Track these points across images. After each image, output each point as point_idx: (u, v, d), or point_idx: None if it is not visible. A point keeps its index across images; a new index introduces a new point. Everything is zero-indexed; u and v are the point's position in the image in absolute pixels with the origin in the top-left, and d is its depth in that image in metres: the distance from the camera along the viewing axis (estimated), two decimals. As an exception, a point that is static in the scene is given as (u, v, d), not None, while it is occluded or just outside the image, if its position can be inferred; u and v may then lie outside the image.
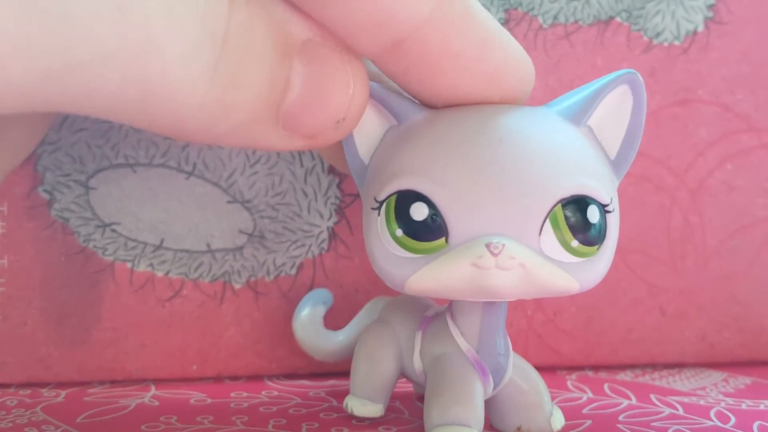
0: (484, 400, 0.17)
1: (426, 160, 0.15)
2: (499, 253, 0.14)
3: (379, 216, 0.15)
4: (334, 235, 0.23)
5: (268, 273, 0.23)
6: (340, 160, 0.18)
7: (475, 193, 0.15)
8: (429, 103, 0.16)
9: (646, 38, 0.24)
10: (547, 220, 0.15)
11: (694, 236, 0.25)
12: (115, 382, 0.23)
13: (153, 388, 0.22)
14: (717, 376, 0.24)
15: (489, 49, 0.15)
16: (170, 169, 0.23)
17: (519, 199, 0.14)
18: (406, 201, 0.15)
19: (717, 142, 0.25)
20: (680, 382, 0.23)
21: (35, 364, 0.23)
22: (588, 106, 0.16)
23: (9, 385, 0.23)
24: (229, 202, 0.23)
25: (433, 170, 0.15)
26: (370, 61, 0.15)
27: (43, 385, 0.23)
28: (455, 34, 0.15)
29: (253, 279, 0.23)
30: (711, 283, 0.25)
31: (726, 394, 0.22)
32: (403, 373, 0.19)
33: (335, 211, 0.23)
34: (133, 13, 0.11)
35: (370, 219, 0.16)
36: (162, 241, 0.23)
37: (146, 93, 0.12)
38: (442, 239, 0.15)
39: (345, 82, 0.15)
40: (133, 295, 0.23)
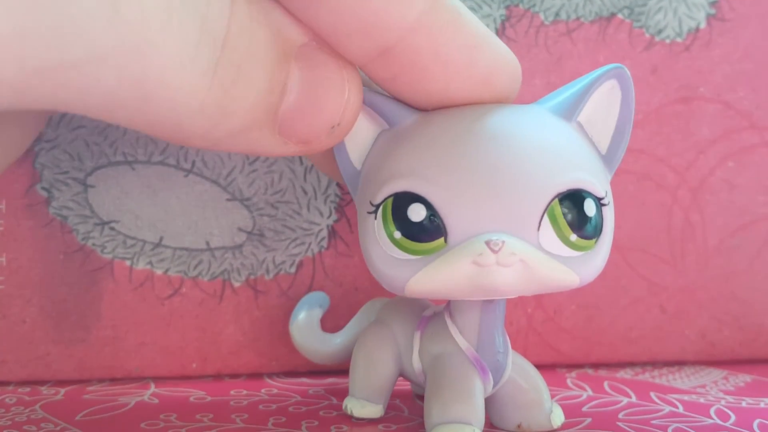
0: (484, 398, 0.17)
1: (421, 162, 0.15)
2: (500, 249, 0.14)
3: (376, 219, 0.15)
4: (334, 233, 0.23)
5: (268, 271, 0.23)
6: (330, 167, 0.18)
7: (473, 192, 0.14)
8: (419, 107, 0.16)
9: (648, 35, 0.24)
10: (545, 216, 0.15)
11: (695, 234, 0.25)
12: (114, 380, 0.23)
13: (152, 385, 0.22)
14: (717, 374, 0.24)
15: (478, 53, 0.15)
16: (169, 166, 0.23)
17: (516, 195, 0.14)
18: (403, 203, 0.15)
19: (718, 140, 0.24)
20: (680, 380, 0.23)
21: (34, 361, 0.23)
22: (578, 102, 0.16)
23: (8, 383, 0.23)
24: (229, 200, 0.23)
25: (428, 171, 0.15)
26: (359, 68, 0.15)
27: (43, 383, 0.23)
28: (444, 39, 0.15)
29: (252, 277, 0.23)
30: (711, 281, 0.25)
31: (726, 392, 0.22)
32: (402, 374, 0.19)
33: (335, 209, 0.23)
34: (130, 13, 0.11)
35: (367, 223, 0.16)
36: (161, 239, 0.23)
37: (143, 94, 0.12)
38: (441, 239, 0.15)
39: (340, 87, 0.14)
40: (132, 293, 0.23)
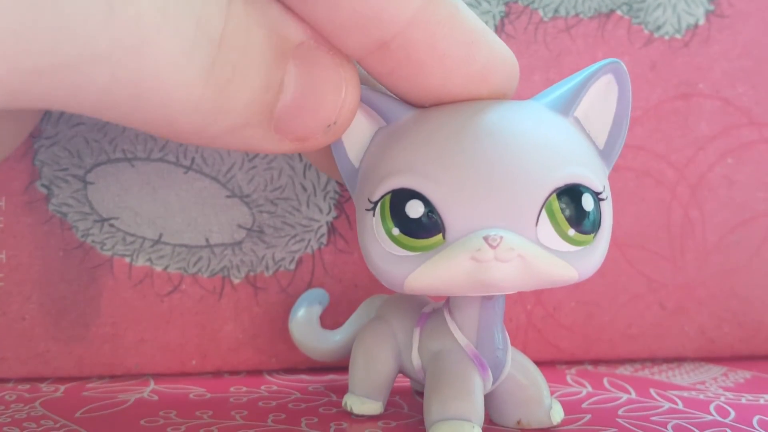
0: (483, 394, 0.17)
1: (418, 158, 0.15)
2: (498, 245, 0.14)
3: (374, 216, 0.15)
4: (334, 229, 0.23)
5: (267, 268, 0.23)
6: (328, 165, 0.18)
7: (470, 188, 0.14)
8: (416, 103, 0.16)
9: (647, 31, 0.24)
10: (543, 211, 0.15)
11: (695, 231, 0.25)
12: (114, 377, 0.23)
13: (152, 382, 0.22)
14: (716, 370, 0.24)
15: (476, 49, 0.15)
16: (168, 163, 0.23)
17: (514, 190, 0.14)
18: (401, 199, 0.15)
19: (717, 137, 0.24)
20: (680, 377, 0.23)
21: (34, 358, 0.23)
22: (574, 97, 0.16)
23: (8, 380, 0.23)
24: (228, 197, 0.23)
25: (426, 167, 0.15)
26: (356, 62, 0.15)
27: (42, 380, 0.23)
28: (442, 34, 0.14)
29: (252, 274, 0.23)
30: (711, 277, 0.25)
31: (725, 389, 0.22)
32: (401, 371, 0.19)
33: (334, 205, 0.23)
34: (125, 12, 0.11)
35: (365, 220, 0.16)
36: (160, 236, 0.23)
37: (138, 93, 0.12)
38: (439, 235, 0.15)
39: (337, 86, 0.14)
40: (132, 290, 0.23)
